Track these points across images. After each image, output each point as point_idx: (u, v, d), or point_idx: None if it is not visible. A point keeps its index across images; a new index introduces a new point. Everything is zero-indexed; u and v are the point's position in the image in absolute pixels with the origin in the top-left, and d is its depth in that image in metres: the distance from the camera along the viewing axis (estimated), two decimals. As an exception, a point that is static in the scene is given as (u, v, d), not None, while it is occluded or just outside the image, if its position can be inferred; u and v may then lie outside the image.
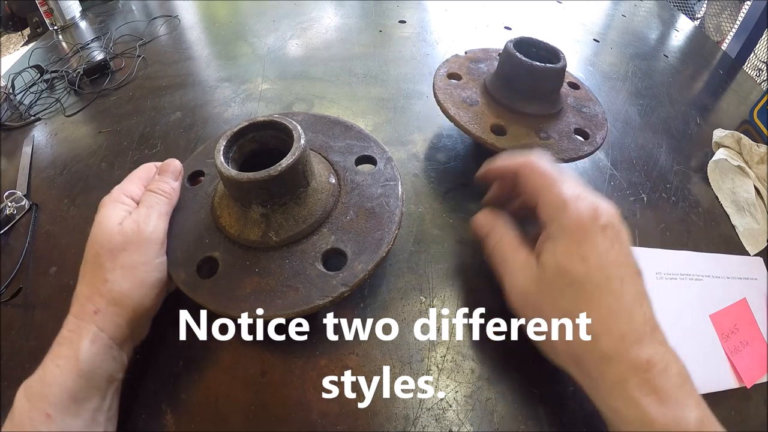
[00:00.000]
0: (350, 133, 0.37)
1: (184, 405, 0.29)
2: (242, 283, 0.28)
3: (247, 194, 0.28)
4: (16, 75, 0.61)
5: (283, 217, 0.29)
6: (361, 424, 0.28)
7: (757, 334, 0.36)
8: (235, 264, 0.29)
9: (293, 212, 0.29)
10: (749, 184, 0.46)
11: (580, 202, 0.25)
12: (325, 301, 0.27)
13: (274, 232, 0.29)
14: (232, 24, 0.77)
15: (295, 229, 0.29)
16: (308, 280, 0.28)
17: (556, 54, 0.41)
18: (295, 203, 0.29)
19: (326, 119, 0.38)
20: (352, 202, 0.31)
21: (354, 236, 0.29)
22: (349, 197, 0.32)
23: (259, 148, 0.31)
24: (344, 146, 0.35)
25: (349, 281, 0.27)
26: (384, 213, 0.30)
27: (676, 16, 0.86)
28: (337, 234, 0.30)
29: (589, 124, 0.41)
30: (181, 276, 0.29)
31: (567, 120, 0.41)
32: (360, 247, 0.29)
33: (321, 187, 0.31)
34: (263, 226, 0.29)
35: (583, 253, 0.24)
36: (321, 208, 0.30)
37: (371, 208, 0.31)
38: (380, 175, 0.33)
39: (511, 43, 0.40)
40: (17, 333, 0.34)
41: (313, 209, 0.30)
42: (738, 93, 0.64)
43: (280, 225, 0.29)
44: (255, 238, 0.29)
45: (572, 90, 0.46)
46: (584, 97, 0.45)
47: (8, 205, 0.43)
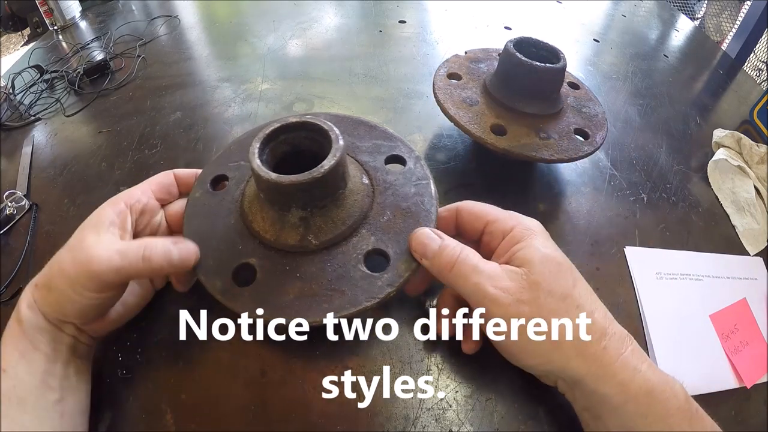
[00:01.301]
0: (375, 132, 0.36)
1: (184, 405, 0.29)
2: (284, 289, 0.27)
3: (287, 198, 0.28)
4: (16, 75, 0.61)
5: (322, 219, 0.28)
6: (361, 424, 0.28)
7: (757, 334, 0.36)
8: (274, 270, 0.28)
9: (332, 214, 0.29)
10: (749, 184, 0.46)
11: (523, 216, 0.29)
12: (373, 303, 0.26)
13: (313, 236, 0.28)
14: (232, 24, 0.77)
15: (334, 231, 0.29)
16: (353, 283, 0.27)
17: (556, 54, 0.41)
18: (334, 205, 0.29)
19: (349, 119, 0.37)
20: (388, 203, 0.31)
21: (394, 236, 0.29)
22: (384, 197, 0.31)
23: (290, 151, 0.31)
24: (371, 146, 0.35)
25: (395, 282, 0.27)
26: (420, 212, 0.30)
27: (676, 16, 0.86)
28: (376, 235, 0.29)
29: (589, 124, 0.41)
30: (217, 285, 0.28)
31: (567, 120, 0.41)
32: (401, 246, 0.28)
33: (356, 188, 0.30)
34: (301, 230, 0.28)
35: (552, 245, 0.27)
36: (358, 209, 0.30)
37: (407, 207, 0.30)
38: (411, 174, 0.33)
39: (511, 43, 0.40)
40: (17, 333, 0.34)
41: (351, 211, 0.29)
42: (738, 93, 0.64)
43: (319, 228, 0.28)
44: (293, 243, 0.28)
45: (572, 90, 0.46)
46: (584, 97, 0.45)
47: (8, 205, 0.43)
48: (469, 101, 0.42)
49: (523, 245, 0.27)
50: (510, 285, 0.25)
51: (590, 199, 0.44)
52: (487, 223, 0.29)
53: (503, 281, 0.25)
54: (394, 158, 0.34)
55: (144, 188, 0.31)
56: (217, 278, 0.28)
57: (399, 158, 0.34)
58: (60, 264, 0.27)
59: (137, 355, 0.31)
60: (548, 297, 0.25)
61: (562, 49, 0.41)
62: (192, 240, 0.30)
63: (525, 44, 0.41)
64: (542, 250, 0.26)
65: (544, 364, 0.25)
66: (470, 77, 0.45)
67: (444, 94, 0.42)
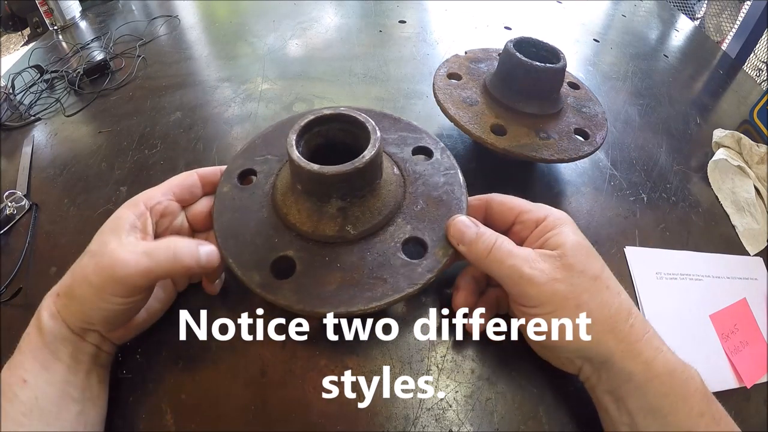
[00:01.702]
0: (400, 125, 0.37)
1: (184, 405, 0.29)
2: (325, 280, 0.27)
3: (327, 188, 0.28)
4: (16, 75, 0.61)
5: (359, 210, 0.29)
6: (361, 424, 0.28)
7: (757, 334, 0.36)
8: (313, 261, 0.28)
9: (369, 204, 0.29)
10: (749, 184, 0.46)
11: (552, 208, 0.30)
12: (415, 289, 0.27)
13: (351, 226, 0.29)
14: (232, 24, 0.77)
15: (371, 221, 0.29)
16: (393, 270, 0.27)
17: (556, 54, 0.40)
18: (371, 195, 0.29)
19: (373, 113, 0.37)
20: (419, 192, 0.32)
21: (429, 224, 0.30)
22: (415, 187, 0.32)
23: (324, 143, 0.31)
24: (398, 138, 0.35)
25: (434, 267, 0.28)
26: (452, 200, 0.31)
27: (676, 16, 0.86)
28: (412, 223, 0.30)
29: (589, 124, 0.41)
30: (255, 279, 0.28)
31: (567, 120, 0.41)
32: (436, 234, 0.29)
33: (389, 179, 0.31)
34: (340, 221, 0.29)
35: (581, 234, 0.29)
36: (393, 199, 0.30)
37: (438, 196, 0.31)
38: (439, 164, 0.33)
39: (511, 43, 0.40)
40: (17, 333, 0.34)
41: (386, 200, 0.30)
42: (738, 93, 0.64)
43: (357, 218, 0.29)
44: (332, 233, 0.29)
45: (572, 90, 0.46)
46: (584, 97, 0.45)
47: (8, 205, 0.43)
48: (469, 101, 0.42)
49: (556, 232, 0.28)
50: (545, 266, 0.26)
51: (590, 199, 0.44)
52: (519, 213, 0.30)
53: (538, 263, 0.26)
54: (421, 149, 0.35)
55: (164, 189, 0.31)
56: (255, 272, 0.28)
57: (426, 149, 0.34)
58: (83, 271, 0.26)
59: (137, 355, 0.31)
60: (581, 277, 0.26)
61: (562, 49, 0.41)
62: (225, 235, 0.30)
63: (525, 44, 0.41)
64: (573, 237, 0.28)
65: (577, 341, 0.26)
66: (470, 77, 0.45)
67: (444, 94, 0.42)
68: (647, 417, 0.24)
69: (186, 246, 0.27)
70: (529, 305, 0.27)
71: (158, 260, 0.26)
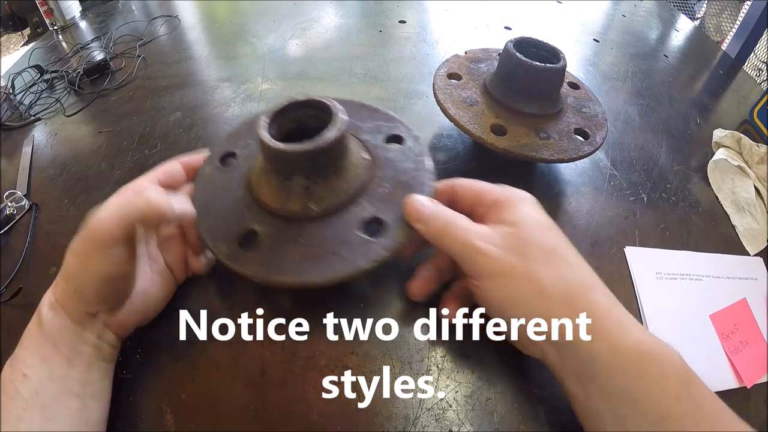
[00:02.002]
0: (377, 115, 0.38)
1: (184, 405, 0.29)
2: (288, 253, 0.29)
3: (292, 167, 0.30)
4: (16, 75, 0.61)
5: (324, 189, 0.30)
6: (361, 424, 0.28)
7: (757, 334, 0.36)
8: (278, 236, 0.30)
9: (333, 184, 0.30)
10: (749, 184, 0.46)
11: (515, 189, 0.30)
12: (369, 265, 0.28)
13: (314, 204, 0.30)
14: (232, 24, 0.77)
15: (335, 200, 0.30)
16: (352, 248, 0.29)
17: (556, 54, 0.40)
18: (336, 175, 0.31)
19: (352, 103, 0.39)
20: (387, 176, 0.33)
21: (391, 206, 0.31)
22: (384, 171, 0.33)
23: (296, 128, 0.33)
24: (372, 126, 0.37)
25: (391, 246, 0.28)
26: (417, 184, 0.32)
27: (676, 16, 0.86)
28: (376, 204, 0.31)
29: (589, 124, 0.41)
30: (222, 249, 0.30)
31: (567, 120, 0.41)
32: (398, 215, 0.30)
33: (357, 162, 0.32)
34: (304, 198, 0.30)
35: (542, 213, 0.28)
36: (358, 180, 0.31)
37: (405, 181, 0.32)
38: (410, 151, 0.34)
39: (511, 43, 0.40)
40: (17, 333, 0.34)
41: (351, 181, 0.31)
42: (738, 93, 0.64)
43: (320, 197, 0.30)
44: (296, 210, 0.30)
45: (572, 90, 0.46)
46: (584, 97, 0.45)
47: (8, 205, 0.43)
48: (469, 101, 0.42)
49: (513, 210, 0.28)
50: (498, 240, 0.26)
51: (590, 199, 0.44)
52: (480, 194, 0.30)
53: (492, 237, 0.26)
54: (394, 137, 0.36)
55: (150, 177, 0.32)
56: (223, 244, 0.30)
57: (398, 137, 0.36)
58: (69, 248, 0.27)
59: (137, 355, 0.31)
60: (535, 249, 0.26)
61: (562, 49, 0.41)
62: (201, 210, 0.31)
63: (525, 44, 0.41)
64: (531, 214, 0.27)
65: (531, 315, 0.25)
66: (470, 77, 0.45)
67: (444, 94, 0.42)
68: (618, 401, 0.23)
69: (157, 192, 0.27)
70: (482, 279, 0.26)
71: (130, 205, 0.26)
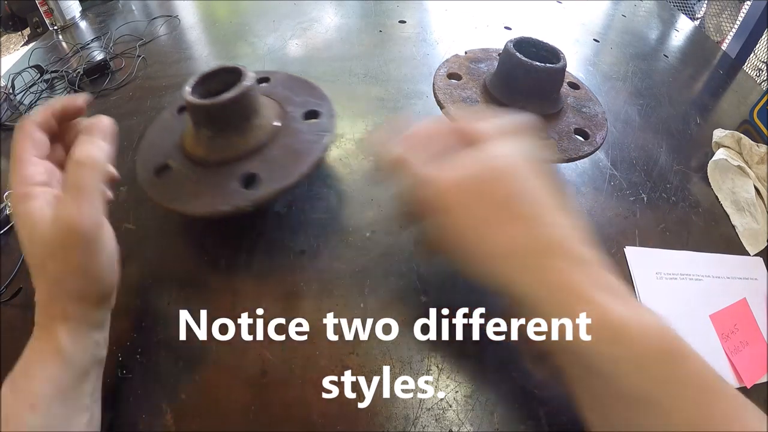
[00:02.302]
0: (312, 92, 0.42)
1: (184, 405, 0.29)
2: (184, 187, 0.35)
3: (199, 118, 0.36)
4: (16, 75, 0.61)
5: (224, 142, 0.36)
6: (361, 424, 0.28)
7: (757, 334, 0.36)
8: (183, 173, 0.36)
9: (232, 140, 0.36)
10: (749, 184, 0.46)
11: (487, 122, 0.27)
12: (227, 208, 0.33)
13: (214, 153, 0.36)
14: (232, 24, 0.77)
15: (231, 153, 0.36)
16: (226, 193, 0.34)
17: (556, 54, 0.40)
18: (235, 133, 0.36)
19: (299, 80, 0.44)
20: (285, 143, 0.37)
21: (276, 168, 0.35)
22: (285, 139, 0.37)
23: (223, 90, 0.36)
24: (301, 101, 0.41)
25: (253, 197, 0.33)
26: (306, 155, 0.35)
27: (676, 16, 0.86)
28: (262, 164, 0.35)
29: (589, 124, 0.41)
30: (142, 175, 0.37)
31: (567, 120, 0.41)
32: (275, 176, 0.34)
33: (262, 125, 0.37)
34: (208, 147, 0.36)
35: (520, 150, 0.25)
36: (256, 141, 0.36)
37: (298, 149, 0.36)
38: (319, 127, 0.38)
39: (511, 43, 0.40)
40: (17, 333, 0.34)
41: (250, 141, 0.36)
42: (738, 93, 0.64)
43: (220, 148, 0.36)
44: (201, 155, 0.36)
45: (572, 90, 0.46)
46: (584, 97, 0.45)
47: (8, 205, 0.43)
48: (469, 101, 0.42)
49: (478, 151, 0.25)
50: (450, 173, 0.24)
51: (590, 199, 0.44)
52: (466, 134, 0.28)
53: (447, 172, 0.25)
54: (312, 113, 0.40)
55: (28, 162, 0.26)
56: (145, 171, 0.37)
57: (315, 113, 0.40)
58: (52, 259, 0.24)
59: (137, 355, 0.31)
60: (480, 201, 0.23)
61: (562, 49, 0.41)
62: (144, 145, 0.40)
63: (525, 44, 0.41)
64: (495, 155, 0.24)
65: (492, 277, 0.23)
66: (470, 77, 0.45)
67: (444, 95, 0.42)
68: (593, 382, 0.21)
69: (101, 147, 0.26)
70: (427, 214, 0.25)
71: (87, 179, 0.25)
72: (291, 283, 0.35)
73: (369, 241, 0.38)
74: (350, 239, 0.38)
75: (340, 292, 0.34)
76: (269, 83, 0.44)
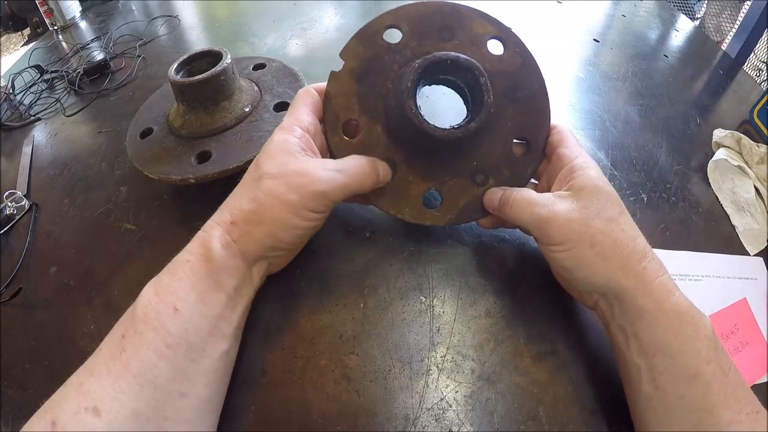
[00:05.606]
0: (294, 85, 0.45)
1: (184, 405, 0.29)
2: (155, 152, 0.39)
3: (177, 94, 0.40)
4: (16, 75, 0.61)
5: (194, 118, 0.40)
6: (361, 424, 0.28)
7: (757, 334, 0.36)
8: (161, 138, 0.41)
9: (201, 118, 0.40)
10: (749, 184, 0.46)
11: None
12: (176, 178, 0.36)
13: (185, 127, 0.40)
14: (232, 24, 0.77)
15: (197, 130, 0.40)
16: (183, 165, 0.37)
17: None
18: (205, 112, 0.40)
19: (289, 71, 0.47)
20: (246, 129, 0.40)
21: (230, 150, 0.38)
22: (249, 126, 0.40)
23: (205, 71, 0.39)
24: (281, 92, 0.44)
25: (199, 173, 0.36)
26: (258, 143, 0.38)
27: (676, 16, 0.86)
28: (220, 144, 0.39)
29: (527, 121, 0.33)
30: (131, 137, 0.42)
31: (501, 130, 0.32)
32: (226, 156, 0.37)
33: (232, 110, 0.40)
34: (182, 120, 0.40)
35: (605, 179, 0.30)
36: (221, 123, 0.40)
37: (255, 137, 0.39)
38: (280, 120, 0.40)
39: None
40: (17, 333, 0.34)
41: (216, 122, 0.40)
42: (738, 93, 0.64)
43: (191, 123, 0.40)
44: (177, 126, 0.40)
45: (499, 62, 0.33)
46: (513, 69, 0.33)
47: (8, 205, 0.43)
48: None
49: (580, 174, 0.30)
50: (562, 208, 0.28)
51: (590, 199, 0.43)
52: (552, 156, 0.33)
53: (557, 205, 0.29)
54: (284, 105, 0.42)
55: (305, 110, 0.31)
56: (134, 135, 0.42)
57: (286, 105, 0.42)
58: (273, 193, 0.26)
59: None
60: (596, 219, 0.28)
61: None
62: (142, 111, 0.45)
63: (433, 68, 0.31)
64: (595, 181, 0.29)
65: (592, 275, 0.28)
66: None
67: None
68: (656, 355, 0.25)
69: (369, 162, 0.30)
70: (551, 244, 0.29)
71: (353, 175, 0.29)
72: (291, 282, 0.35)
73: (369, 241, 0.38)
74: (350, 239, 0.38)
75: (340, 292, 0.34)
76: (263, 70, 0.47)
